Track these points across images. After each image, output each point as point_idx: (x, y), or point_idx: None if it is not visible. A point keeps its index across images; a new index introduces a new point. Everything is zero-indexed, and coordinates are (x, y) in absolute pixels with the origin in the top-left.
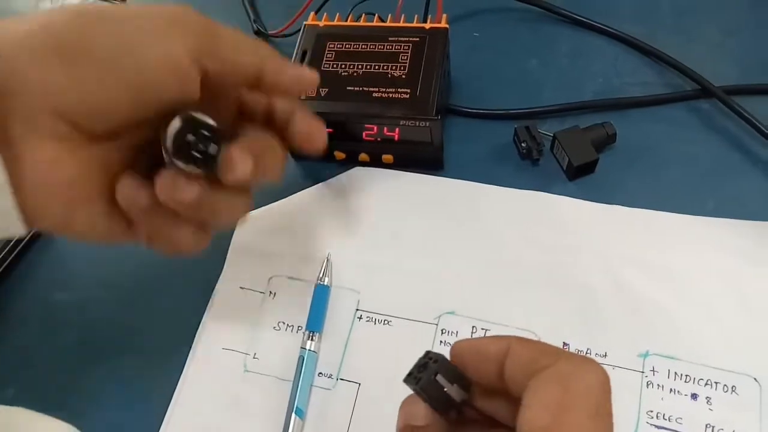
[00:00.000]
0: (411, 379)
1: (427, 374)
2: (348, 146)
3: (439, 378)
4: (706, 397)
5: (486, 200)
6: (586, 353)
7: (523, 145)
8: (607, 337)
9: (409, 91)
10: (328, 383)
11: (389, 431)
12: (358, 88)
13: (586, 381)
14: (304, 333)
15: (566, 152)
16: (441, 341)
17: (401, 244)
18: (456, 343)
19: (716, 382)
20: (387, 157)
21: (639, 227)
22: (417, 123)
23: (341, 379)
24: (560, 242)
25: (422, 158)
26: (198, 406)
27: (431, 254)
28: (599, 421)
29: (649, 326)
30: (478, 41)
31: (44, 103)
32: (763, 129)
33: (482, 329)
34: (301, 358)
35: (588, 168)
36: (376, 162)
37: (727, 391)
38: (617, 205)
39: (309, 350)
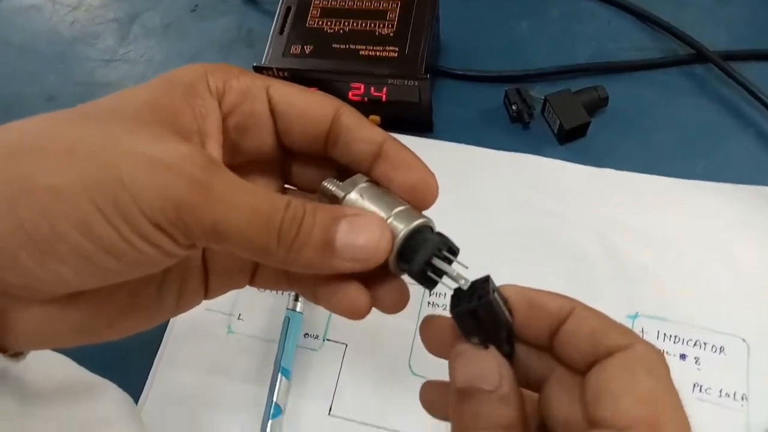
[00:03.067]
0: (464, 300)
1: (486, 289)
2: None
3: (497, 297)
4: (695, 358)
5: (475, 162)
6: None
7: (513, 107)
8: (595, 299)
9: (397, 49)
10: (315, 344)
11: (377, 392)
12: (344, 46)
13: (664, 366)
14: (289, 294)
15: (557, 115)
16: (429, 302)
17: None
18: (508, 287)
19: (705, 343)
20: (374, 118)
21: (629, 190)
22: (405, 82)
23: (328, 340)
24: (549, 205)
25: (411, 119)
26: (181, 369)
27: None
28: (681, 409)
29: (639, 288)
30: (469, 2)
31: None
32: (758, 94)
33: None
34: (286, 319)
35: (579, 131)
36: None
37: (715, 352)
38: (607, 169)
39: (295, 311)
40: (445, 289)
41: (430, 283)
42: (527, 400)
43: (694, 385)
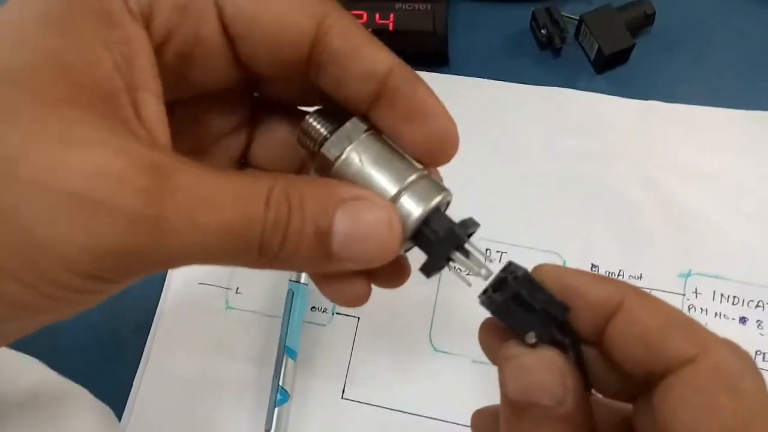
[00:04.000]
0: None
1: (516, 268)
2: None
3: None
4: (757, 321)
5: (499, 100)
6: (618, 275)
7: (542, 31)
8: (642, 255)
9: None
10: (323, 318)
11: (395, 371)
12: None
13: (753, 377)
14: None
15: (595, 38)
16: (449, 267)
17: None
18: (542, 268)
19: None
20: None
21: (682, 126)
22: (416, 6)
23: (337, 314)
24: (588, 148)
25: (422, 52)
26: (176, 349)
27: None
28: None
29: (693, 241)
30: None
31: None
32: None
33: (497, 252)
34: (290, 292)
35: (620, 57)
36: None
37: None
38: (655, 101)
39: (299, 282)
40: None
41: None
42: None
43: (757, 353)
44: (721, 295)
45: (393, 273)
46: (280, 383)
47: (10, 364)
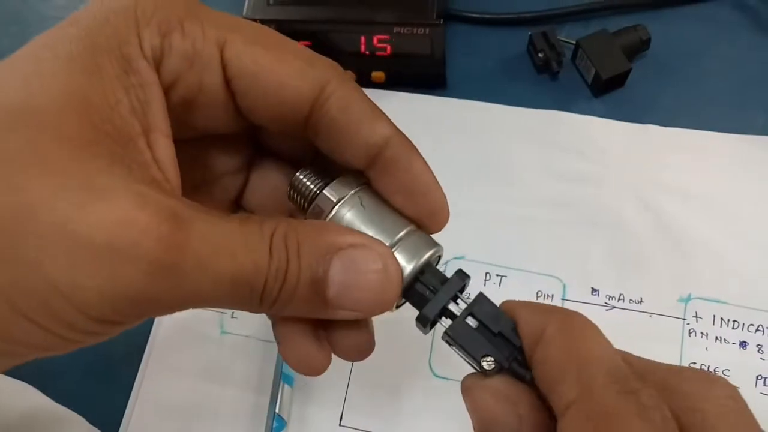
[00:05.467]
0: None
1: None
2: None
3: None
4: (757, 345)
5: (497, 123)
6: (619, 299)
7: (539, 55)
8: (642, 280)
9: None
10: None
11: (394, 397)
12: None
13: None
14: None
15: (592, 62)
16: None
17: None
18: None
19: None
20: (377, 75)
21: (678, 150)
22: (414, 30)
23: None
24: (586, 171)
25: (420, 75)
26: (170, 374)
27: None
28: None
29: (692, 266)
30: None
31: None
32: None
33: (497, 275)
34: None
35: (617, 81)
36: (364, 81)
37: None
38: (651, 125)
39: None
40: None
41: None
42: None
43: (758, 378)
44: (722, 319)
45: (358, 337)
46: (277, 410)
47: (3, 389)
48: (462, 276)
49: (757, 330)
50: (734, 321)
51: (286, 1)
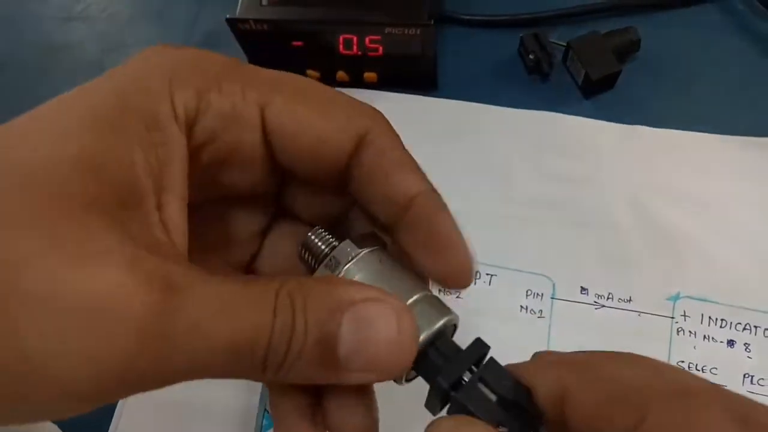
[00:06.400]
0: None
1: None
2: (323, 63)
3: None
4: (745, 344)
5: (488, 124)
6: (608, 298)
7: (530, 57)
8: (631, 278)
9: None
10: None
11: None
12: None
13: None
14: None
15: (582, 64)
16: (440, 290)
17: None
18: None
19: (756, 326)
20: (370, 75)
21: (667, 150)
22: (405, 30)
23: None
24: (576, 171)
25: (412, 76)
26: (147, 409)
27: None
28: None
29: (680, 265)
30: None
31: None
32: None
33: (487, 274)
34: None
35: (607, 82)
36: (356, 81)
37: None
38: (641, 126)
39: None
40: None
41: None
42: None
43: (745, 376)
44: (710, 318)
45: (357, 415)
46: (267, 408)
47: None
48: (480, 345)
49: (744, 328)
50: (722, 320)
51: (278, 2)
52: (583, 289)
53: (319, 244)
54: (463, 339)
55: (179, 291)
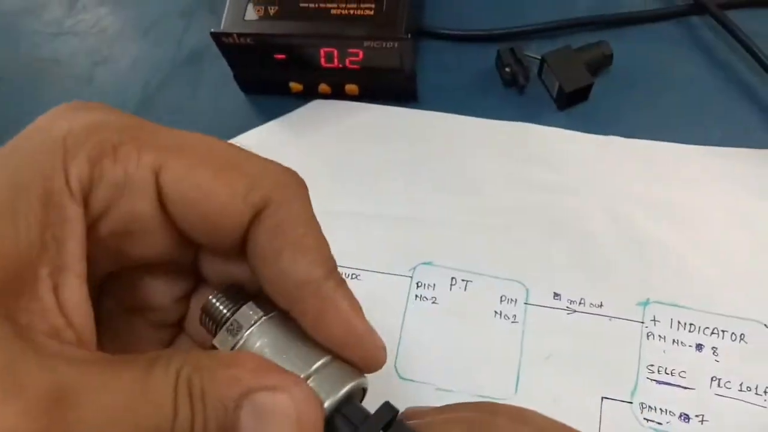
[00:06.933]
0: None
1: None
2: (306, 76)
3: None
4: (712, 348)
5: (466, 134)
6: (580, 303)
7: (506, 70)
8: (603, 284)
9: (373, 6)
10: None
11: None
12: (313, 5)
13: None
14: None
15: (556, 77)
16: (417, 295)
17: (369, 187)
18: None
19: (723, 331)
20: (351, 88)
21: (639, 160)
22: (384, 44)
23: None
24: (550, 180)
25: (392, 88)
26: None
27: (404, 198)
28: None
29: (650, 271)
30: None
31: None
32: (754, 49)
33: (463, 280)
34: None
35: (581, 95)
36: (338, 94)
37: (735, 340)
38: (614, 136)
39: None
40: (435, 280)
41: None
42: None
43: (712, 379)
44: (679, 322)
45: None
46: None
47: None
48: (388, 408)
49: (712, 333)
50: (691, 324)
51: (261, 16)
52: (556, 294)
53: (220, 308)
54: (440, 342)
55: (71, 403)
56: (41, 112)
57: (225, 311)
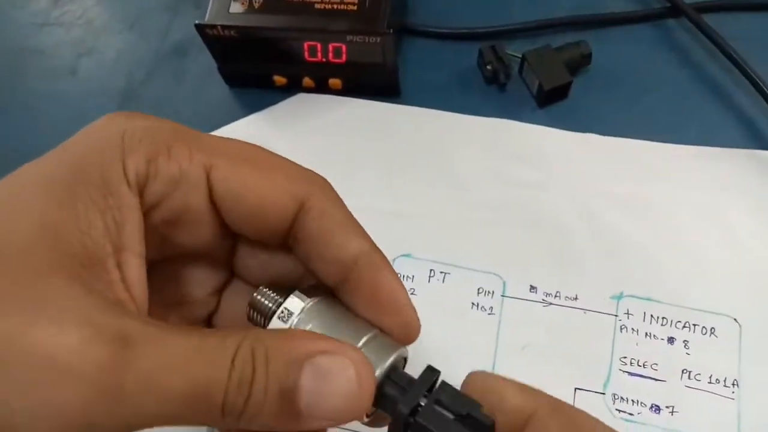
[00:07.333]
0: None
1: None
2: (289, 69)
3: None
4: (684, 341)
5: (447, 130)
6: (556, 296)
7: (488, 67)
8: (578, 278)
9: (356, 1)
10: None
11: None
12: None
13: None
14: None
15: (536, 75)
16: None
17: (350, 180)
18: (472, 374)
19: (694, 325)
20: (334, 82)
21: (616, 157)
22: (366, 39)
23: None
24: (529, 175)
25: (375, 83)
26: None
27: (385, 191)
28: None
29: (625, 265)
30: None
31: None
32: (730, 51)
33: (441, 272)
34: None
35: (560, 92)
36: (322, 87)
37: (705, 334)
38: (591, 134)
39: None
40: (414, 272)
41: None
42: None
43: (683, 372)
44: (651, 316)
45: None
46: None
47: None
48: (431, 371)
49: (684, 327)
50: (663, 318)
51: (246, 9)
52: (532, 287)
53: (266, 302)
54: (419, 334)
55: (133, 345)
56: (23, 102)
57: (271, 304)
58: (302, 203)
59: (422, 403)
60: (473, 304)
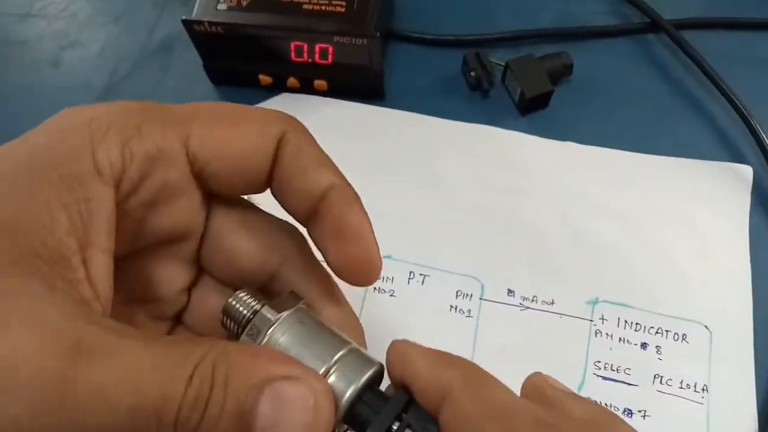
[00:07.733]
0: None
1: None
2: (275, 68)
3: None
4: (656, 346)
5: (430, 134)
6: (532, 300)
7: (472, 74)
8: (555, 283)
9: (344, 3)
10: None
11: None
12: None
13: None
14: None
15: (519, 82)
16: (375, 288)
17: None
18: (393, 343)
19: (667, 331)
20: (320, 83)
21: (593, 166)
22: (353, 40)
23: None
24: (509, 181)
25: (360, 85)
26: None
27: (366, 192)
28: None
29: (601, 271)
30: None
31: None
32: (706, 67)
33: (420, 275)
34: None
35: (541, 101)
36: (307, 88)
37: (677, 340)
38: (570, 142)
39: None
40: (393, 273)
41: None
42: None
43: (655, 376)
44: (625, 321)
45: None
46: None
47: None
48: (405, 394)
49: (656, 332)
50: (637, 324)
51: (234, 6)
52: (510, 291)
53: (240, 308)
54: (396, 334)
55: (88, 354)
56: (4, 93)
57: (246, 312)
58: (278, 142)
59: (394, 428)
60: (452, 306)
